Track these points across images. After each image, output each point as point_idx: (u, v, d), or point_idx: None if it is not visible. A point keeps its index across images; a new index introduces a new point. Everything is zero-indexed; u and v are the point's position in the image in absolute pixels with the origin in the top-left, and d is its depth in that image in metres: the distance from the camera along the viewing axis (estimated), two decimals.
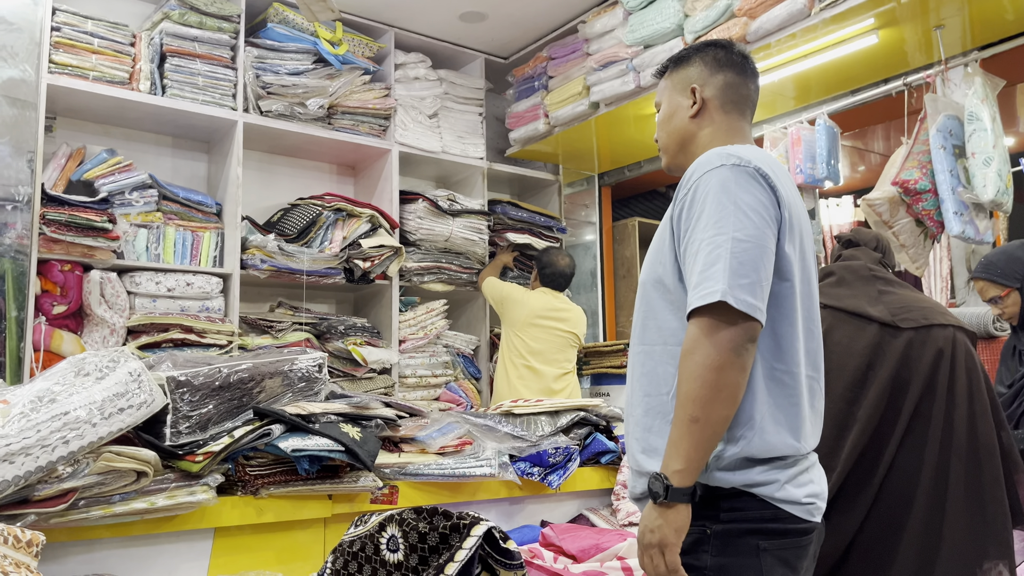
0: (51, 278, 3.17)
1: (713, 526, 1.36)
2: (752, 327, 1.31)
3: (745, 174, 1.38)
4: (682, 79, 1.63)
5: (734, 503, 1.36)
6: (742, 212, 1.34)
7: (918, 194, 2.97)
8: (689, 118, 1.61)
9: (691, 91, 1.61)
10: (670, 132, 1.64)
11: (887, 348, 1.99)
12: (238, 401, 2.06)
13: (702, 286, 1.32)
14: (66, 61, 3.30)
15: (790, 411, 1.40)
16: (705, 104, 1.60)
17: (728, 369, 1.29)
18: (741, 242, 1.32)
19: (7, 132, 2.99)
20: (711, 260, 1.32)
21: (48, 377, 1.87)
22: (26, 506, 1.62)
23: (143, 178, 3.44)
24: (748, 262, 1.32)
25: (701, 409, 1.29)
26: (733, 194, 1.36)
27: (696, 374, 1.30)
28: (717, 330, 1.30)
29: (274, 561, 2.01)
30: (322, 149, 4.16)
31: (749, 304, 1.30)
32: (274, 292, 4.01)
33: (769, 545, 1.35)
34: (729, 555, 1.35)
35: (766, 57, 3.38)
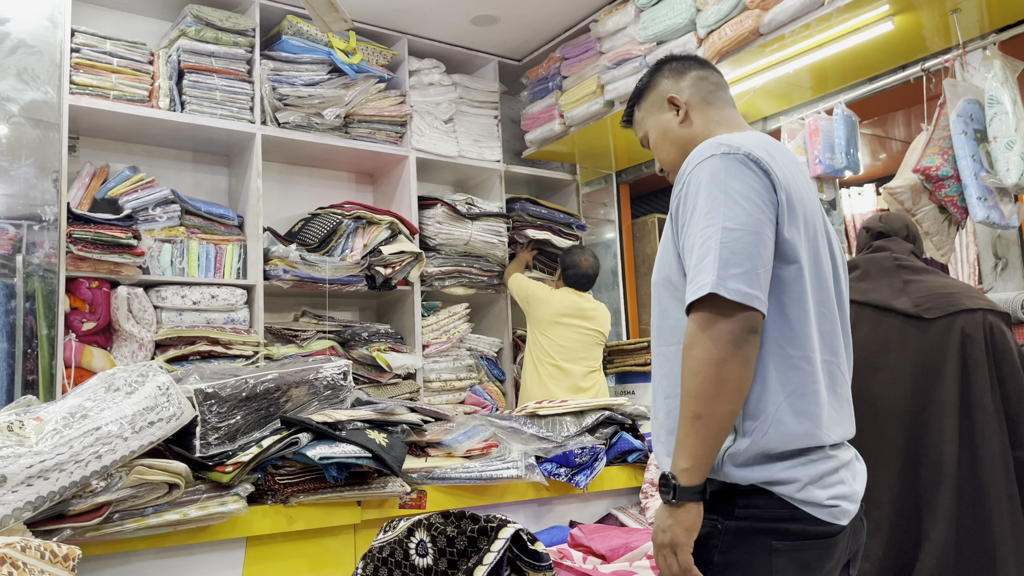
0: (79, 295, 3.22)
1: (726, 522, 1.31)
2: (751, 317, 1.27)
3: (735, 161, 1.35)
4: (655, 100, 1.66)
5: (751, 500, 1.31)
6: (732, 200, 1.31)
7: (940, 180, 2.93)
8: (679, 125, 1.61)
9: (669, 102, 1.62)
10: (669, 147, 1.63)
11: (911, 341, 1.97)
12: (265, 411, 2.09)
13: (695, 280, 1.30)
14: (87, 81, 3.35)
15: (809, 399, 1.34)
16: (688, 106, 1.61)
17: (729, 362, 1.26)
18: (732, 231, 1.29)
19: (32, 153, 3.05)
20: (703, 253, 1.30)
21: (79, 393, 1.91)
22: (62, 521, 1.65)
23: (166, 194, 3.49)
24: (740, 250, 1.28)
25: (704, 405, 1.26)
26: (723, 183, 1.33)
27: (696, 370, 1.27)
28: (714, 323, 1.27)
29: (306, 568, 2.03)
30: (340, 158, 4.19)
31: (744, 293, 1.26)
32: (298, 302, 4.05)
33: (783, 546, 1.29)
34: (738, 553, 1.30)
35: (780, 48, 3.35)
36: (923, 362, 1.94)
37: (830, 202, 3.60)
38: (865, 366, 1.94)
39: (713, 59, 3.46)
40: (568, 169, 4.93)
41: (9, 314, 2.90)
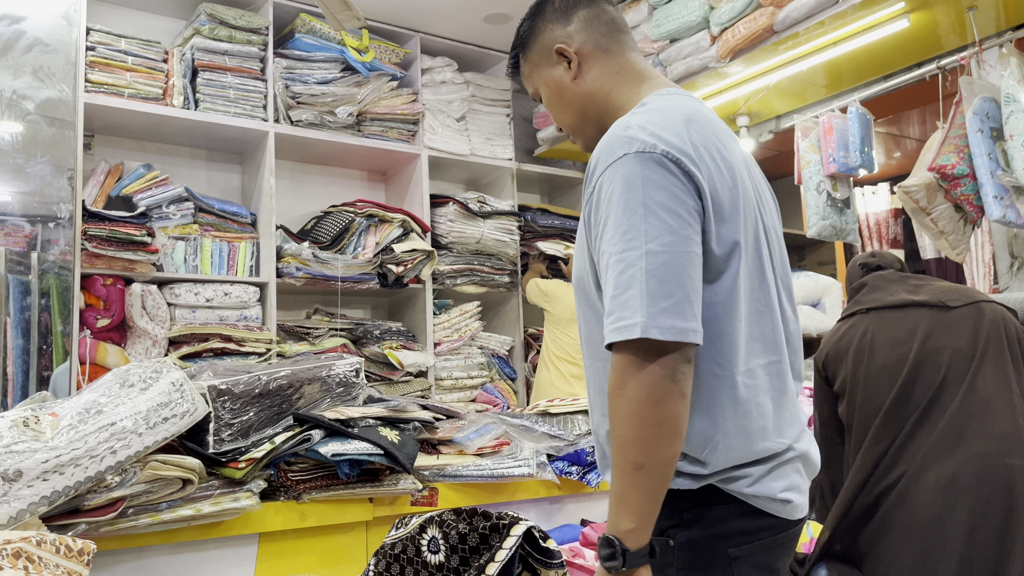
0: (94, 292, 3.24)
1: (678, 535, 1.18)
2: (686, 350, 1.11)
3: (652, 163, 1.14)
4: (541, 50, 1.41)
5: (698, 499, 1.19)
6: (653, 214, 1.12)
7: (956, 179, 2.91)
8: (572, 81, 1.37)
9: (558, 52, 1.38)
10: (565, 109, 1.40)
11: (943, 322, 1.97)
12: (278, 408, 2.10)
13: (617, 316, 1.11)
14: (101, 80, 3.37)
15: (754, 415, 1.21)
16: (580, 57, 1.37)
17: (667, 400, 1.09)
18: (656, 254, 1.11)
19: (47, 151, 3.07)
20: (624, 283, 1.12)
21: (94, 389, 1.92)
22: (77, 516, 1.66)
23: (179, 191, 3.51)
24: (668, 278, 1.10)
25: (644, 453, 1.09)
26: (640, 192, 1.13)
27: (631, 412, 1.10)
28: (646, 362, 1.09)
29: (318, 565, 2.04)
30: (352, 156, 4.20)
31: (678, 329, 1.09)
32: (310, 299, 4.06)
33: (741, 552, 1.18)
34: (697, 568, 1.18)
35: (795, 46, 3.34)
36: (955, 340, 1.94)
37: (844, 200, 3.58)
38: (896, 356, 1.95)
39: (726, 57, 3.45)
40: (580, 167, 4.92)
41: (24, 311, 2.92)
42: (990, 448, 1.78)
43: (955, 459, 1.80)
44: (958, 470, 1.78)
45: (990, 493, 1.74)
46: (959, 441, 1.82)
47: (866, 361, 2.01)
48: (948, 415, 1.86)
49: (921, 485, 1.81)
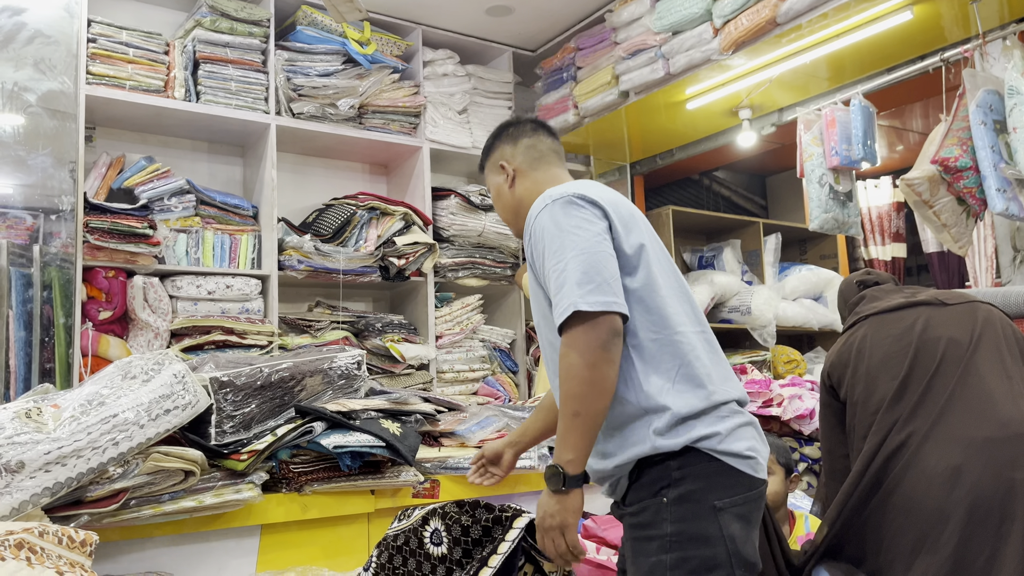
0: (96, 285, 3.25)
1: (669, 493, 1.46)
2: (612, 320, 1.45)
3: (565, 203, 1.56)
4: (492, 164, 1.87)
5: (683, 461, 1.47)
6: (571, 234, 1.51)
7: (959, 172, 2.90)
8: (508, 189, 1.83)
9: (500, 168, 1.84)
10: (503, 208, 1.86)
11: (939, 316, 1.98)
12: (280, 400, 2.10)
13: (559, 306, 1.47)
14: (103, 72, 3.36)
15: (695, 364, 1.53)
16: (517, 172, 1.82)
17: (599, 364, 1.43)
18: (577, 256, 1.49)
19: (49, 143, 3.06)
20: (560, 283, 1.48)
21: (96, 381, 1.92)
22: (79, 507, 1.66)
23: (181, 184, 3.50)
24: (590, 268, 1.47)
25: (581, 404, 1.44)
26: (560, 222, 1.54)
27: (572, 374, 1.44)
28: (583, 333, 1.44)
29: (320, 556, 2.04)
30: (354, 149, 4.20)
31: (602, 302, 1.44)
32: (312, 292, 4.06)
33: (723, 504, 1.45)
34: (688, 519, 1.44)
35: (798, 38, 3.33)
36: (951, 331, 1.95)
37: (846, 194, 3.58)
38: (896, 349, 1.96)
39: (729, 50, 3.44)
40: (582, 160, 4.91)
41: (27, 303, 2.92)
42: (992, 434, 1.78)
43: (959, 446, 1.80)
44: (963, 461, 1.77)
45: (992, 488, 1.74)
46: (961, 426, 1.82)
47: (866, 359, 2.02)
48: (947, 397, 1.86)
49: (922, 469, 1.81)
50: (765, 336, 4.69)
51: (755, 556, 1.48)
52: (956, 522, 1.73)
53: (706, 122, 4.36)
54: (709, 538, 1.43)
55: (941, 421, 1.84)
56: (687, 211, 5.00)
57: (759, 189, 6.42)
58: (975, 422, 1.81)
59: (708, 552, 1.42)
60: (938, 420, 1.85)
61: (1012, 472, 1.74)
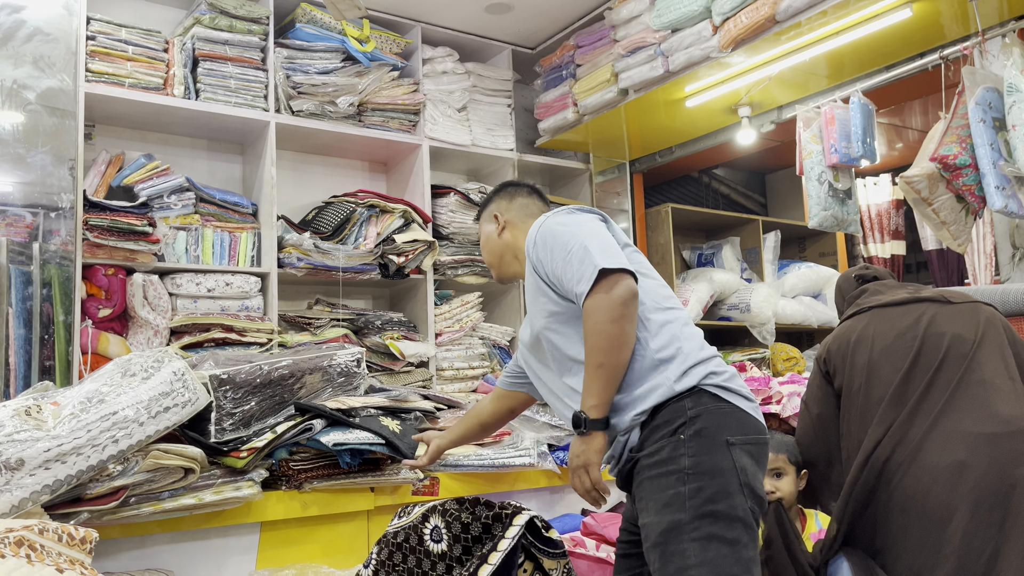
0: (96, 282, 3.25)
1: (686, 430, 1.61)
2: (629, 282, 1.64)
3: (565, 211, 1.82)
4: (487, 214, 2.11)
5: (696, 400, 1.63)
6: (576, 224, 1.75)
7: (958, 169, 2.90)
8: (497, 236, 2.07)
9: (494, 217, 2.08)
10: (490, 252, 2.09)
11: (944, 312, 1.99)
12: (279, 397, 2.10)
13: (583, 275, 1.64)
14: (102, 69, 3.36)
15: (689, 327, 1.76)
16: (507, 223, 2.06)
17: (621, 320, 1.61)
18: (590, 237, 1.70)
19: (48, 141, 3.06)
20: (579, 259, 1.66)
21: (96, 378, 1.92)
22: (79, 504, 1.67)
23: (180, 181, 3.50)
24: (602, 244, 1.68)
25: (605, 356, 1.61)
26: (565, 221, 1.77)
27: (598, 329, 1.61)
28: (607, 292, 1.62)
29: (320, 553, 2.04)
30: (354, 147, 4.19)
31: (619, 263, 1.64)
32: (311, 290, 4.06)
33: (736, 440, 1.61)
34: (703, 453, 1.59)
35: (797, 36, 3.32)
36: (956, 327, 1.96)
37: (846, 191, 3.58)
38: (901, 342, 1.96)
39: (728, 47, 3.44)
40: (581, 158, 4.91)
41: (26, 300, 2.92)
42: (996, 430, 1.79)
43: (962, 442, 1.80)
44: (967, 457, 1.78)
45: (996, 484, 1.74)
46: (964, 421, 1.83)
47: (868, 350, 2.02)
48: (950, 393, 1.87)
49: (927, 464, 1.82)
50: (764, 334, 4.69)
51: (763, 492, 1.63)
52: (960, 517, 1.74)
53: (705, 120, 4.36)
54: (723, 470, 1.57)
55: (944, 416, 1.85)
56: (686, 208, 5.00)
57: (758, 187, 6.42)
58: (978, 418, 1.82)
59: (722, 481, 1.56)
60: (941, 415, 1.85)
61: (1015, 469, 1.75)
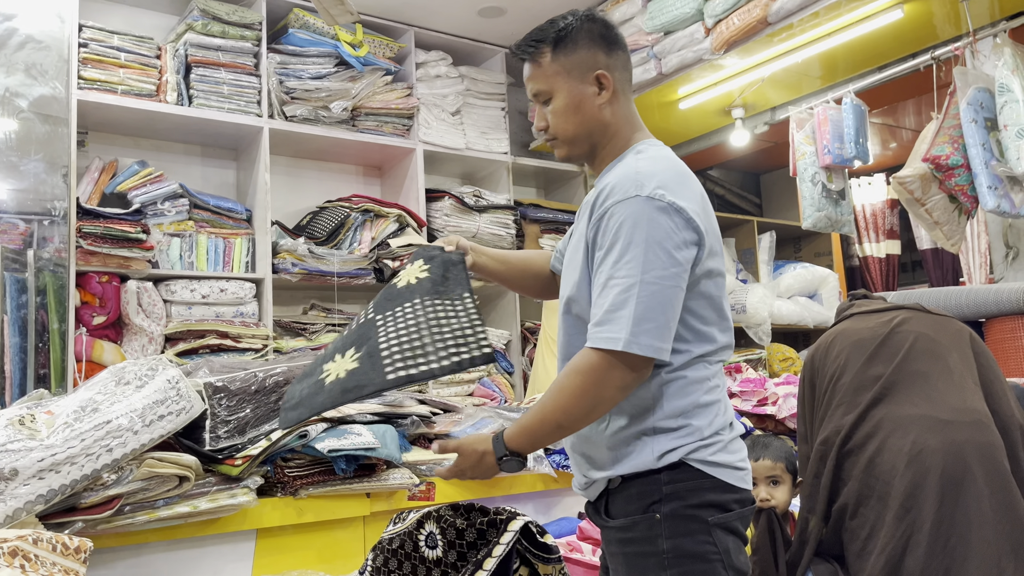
0: (90, 290, 3.24)
1: (662, 508, 1.40)
2: (648, 367, 1.38)
3: (660, 210, 1.38)
4: (580, 64, 1.52)
5: (673, 474, 1.41)
6: (652, 251, 1.36)
7: (950, 169, 2.91)
8: (598, 107, 1.53)
9: (597, 78, 1.52)
10: (578, 124, 1.53)
11: (918, 317, 2.01)
12: (274, 404, 2.09)
13: (606, 327, 1.36)
14: (95, 76, 3.36)
15: (716, 391, 1.47)
16: (614, 95, 1.53)
17: (608, 404, 1.38)
18: (649, 285, 1.35)
19: (41, 149, 3.06)
20: (619, 302, 1.35)
21: (90, 387, 1.92)
22: (73, 514, 1.66)
23: (174, 188, 3.50)
24: (655, 305, 1.35)
25: (569, 421, 1.40)
26: (644, 230, 1.37)
27: (578, 393, 1.37)
28: (613, 369, 1.35)
29: (315, 560, 2.04)
30: (347, 151, 4.19)
31: (653, 347, 1.35)
32: (306, 295, 4.06)
33: (717, 520, 1.40)
34: (682, 535, 1.39)
35: (789, 37, 3.34)
36: (926, 328, 1.98)
37: (839, 192, 3.59)
38: (870, 335, 1.99)
39: (720, 49, 3.45)
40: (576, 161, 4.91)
41: (21, 308, 2.92)
42: (954, 418, 1.80)
43: (920, 425, 1.82)
44: (924, 440, 1.79)
45: (953, 469, 1.76)
46: (924, 407, 1.84)
47: (841, 344, 2.05)
48: (912, 381, 1.88)
49: (887, 447, 1.83)
50: (760, 334, 4.70)
51: (747, 565, 1.46)
52: (926, 502, 1.75)
53: (699, 121, 4.37)
54: (705, 554, 1.39)
55: (906, 401, 1.87)
56: None
57: (753, 187, 6.43)
58: (938, 406, 1.84)
59: (705, 567, 1.39)
60: (902, 401, 1.87)
61: (969, 457, 1.76)
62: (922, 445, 1.79)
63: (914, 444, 1.79)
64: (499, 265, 1.78)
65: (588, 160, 1.59)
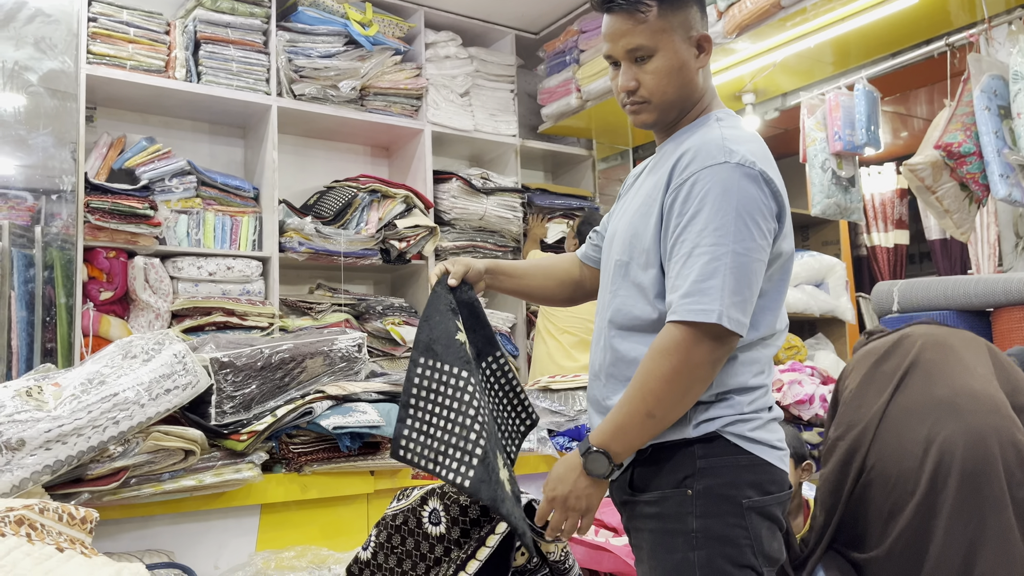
0: (97, 265, 3.25)
1: (695, 484, 1.34)
2: (735, 342, 1.32)
3: (747, 177, 1.32)
4: (684, 23, 1.43)
5: (708, 447, 1.35)
6: (742, 221, 1.31)
7: (962, 157, 2.89)
8: (697, 71, 1.45)
9: (700, 41, 1.45)
10: (677, 87, 1.44)
11: (932, 327, 2.03)
12: (280, 381, 2.10)
13: (696, 299, 1.29)
14: (104, 51, 3.35)
15: (767, 372, 1.43)
16: (705, 55, 1.46)
17: (701, 382, 1.32)
18: (740, 256, 1.30)
19: (50, 123, 3.06)
20: (708, 272, 1.29)
21: (97, 360, 1.93)
22: (80, 485, 1.67)
23: (182, 165, 3.50)
24: (743, 278, 1.30)
25: (662, 408, 1.31)
26: (734, 198, 1.31)
27: (669, 377, 1.30)
28: (701, 342, 1.29)
29: (319, 536, 2.05)
30: (355, 131, 4.18)
31: (740, 323, 1.30)
32: (313, 274, 4.06)
33: (753, 502, 1.34)
34: (714, 516, 1.34)
35: (803, 22, 3.30)
36: (944, 338, 1.97)
37: (849, 179, 3.56)
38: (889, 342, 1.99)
39: (732, 33, 3.42)
40: (584, 144, 4.89)
41: (28, 283, 2.92)
42: (966, 406, 1.80)
43: (932, 413, 1.81)
44: (933, 430, 1.79)
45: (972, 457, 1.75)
46: (934, 394, 1.84)
47: (853, 361, 2.06)
48: (927, 371, 1.88)
49: (897, 441, 1.83)
50: None
51: (780, 552, 1.40)
52: (944, 489, 1.74)
53: None
54: (735, 539, 1.33)
55: (916, 390, 1.86)
56: None
57: None
58: (953, 392, 1.83)
59: (734, 552, 1.33)
60: (917, 389, 1.87)
61: (986, 444, 1.75)
62: (938, 433, 1.78)
63: (931, 432, 1.78)
64: (516, 281, 1.72)
65: (666, 127, 1.50)
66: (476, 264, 1.66)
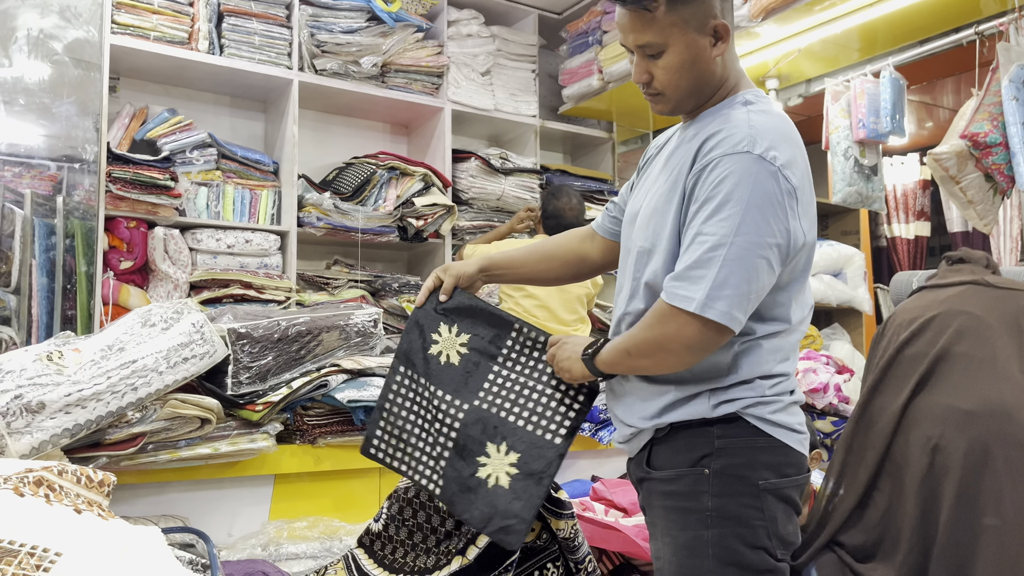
0: (118, 235, 3.28)
1: (712, 464, 1.35)
2: (725, 334, 1.31)
3: (766, 172, 1.30)
4: (696, 13, 1.37)
5: (727, 428, 1.36)
6: (751, 214, 1.28)
7: (988, 147, 2.85)
8: (714, 59, 1.41)
9: (715, 29, 1.39)
10: (692, 79, 1.41)
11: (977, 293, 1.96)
12: (296, 353, 2.12)
13: (682, 284, 1.31)
14: (128, 21, 3.36)
15: (791, 359, 1.44)
16: (724, 40, 1.41)
17: (673, 359, 1.34)
18: (740, 248, 1.28)
19: (73, 92, 3.07)
20: (704, 260, 1.29)
21: (116, 328, 1.95)
22: (98, 449, 1.70)
23: (203, 137, 3.51)
24: (741, 271, 1.28)
25: (636, 352, 1.38)
26: (747, 191, 1.29)
27: (651, 350, 1.36)
28: (683, 328, 1.30)
29: (331, 507, 2.08)
30: (376, 108, 4.18)
31: (728, 315, 1.28)
32: (330, 250, 4.08)
33: (770, 484, 1.35)
34: (729, 495, 1.34)
35: (830, 7, 3.26)
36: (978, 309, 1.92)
37: (871, 167, 3.53)
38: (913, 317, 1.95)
39: (758, 17, 3.38)
40: (604, 127, 4.87)
41: (49, 251, 2.95)
42: (974, 408, 1.77)
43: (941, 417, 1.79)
44: (941, 434, 1.76)
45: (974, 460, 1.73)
46: (948, 396, 1.81)
47: (892, 324, 2.00)
48: (952, 368, 1.84)
49: (906, 438, 1.81)
50: None
51: (795, 535, 1.40)
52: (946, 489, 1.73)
53: None
54: (749, 520, 1.34)
55: (931, 390, 1.83)
56: None
57: None
58: (962, 394, 1.79)
59: (748, 533, 1.33)
60: (934, 387, 1.83)
61: (987, 450, 1.73)
62: (940, 439, 1.76)
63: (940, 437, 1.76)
64: (515, 271, 1.74)
65: (689, 113, 1.49)
66: (467, 269, 1.68)
